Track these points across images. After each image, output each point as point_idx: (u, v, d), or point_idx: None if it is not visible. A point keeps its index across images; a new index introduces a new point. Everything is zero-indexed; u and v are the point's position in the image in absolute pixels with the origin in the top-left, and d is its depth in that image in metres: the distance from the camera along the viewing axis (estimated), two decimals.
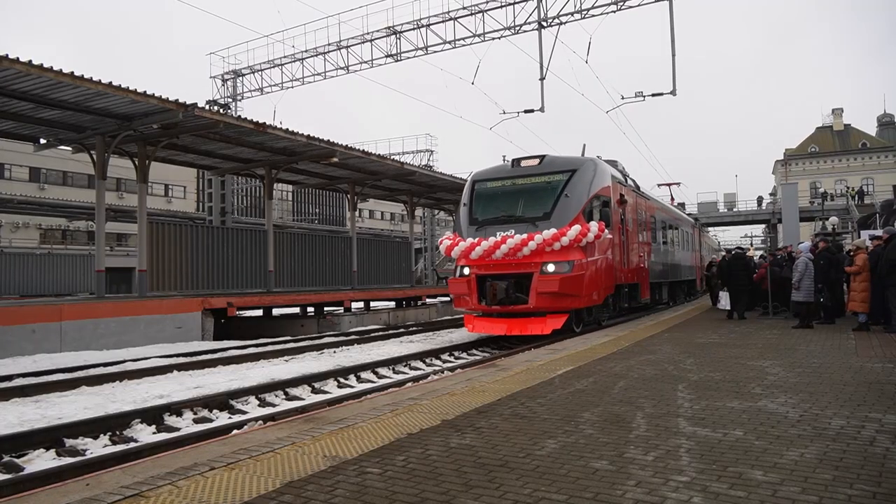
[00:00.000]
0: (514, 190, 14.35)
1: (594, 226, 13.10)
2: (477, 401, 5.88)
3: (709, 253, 40.30)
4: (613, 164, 16.85)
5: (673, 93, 21.18)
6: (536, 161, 14.42)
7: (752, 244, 62.48)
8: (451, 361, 12.57)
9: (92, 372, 11.17)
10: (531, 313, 13.09)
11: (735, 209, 58.03)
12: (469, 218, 14.47)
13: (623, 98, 22.40)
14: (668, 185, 37.26)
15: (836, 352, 8.89)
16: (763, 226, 68.92)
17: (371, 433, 4.73)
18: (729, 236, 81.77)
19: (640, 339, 11.16)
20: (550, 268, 12.75)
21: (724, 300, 16.23)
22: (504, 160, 15.05)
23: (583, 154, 16.34)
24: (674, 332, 12.30)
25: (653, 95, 21.86)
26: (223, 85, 30.28)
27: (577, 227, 12.82)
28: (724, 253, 30.89)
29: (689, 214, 34.49)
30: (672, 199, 34.45)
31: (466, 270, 13.65)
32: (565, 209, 13.33)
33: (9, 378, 10.55)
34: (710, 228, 54.32)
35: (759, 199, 58.27)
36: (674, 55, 20.94)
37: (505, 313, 13.43)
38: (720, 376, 6.95)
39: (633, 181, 18.29)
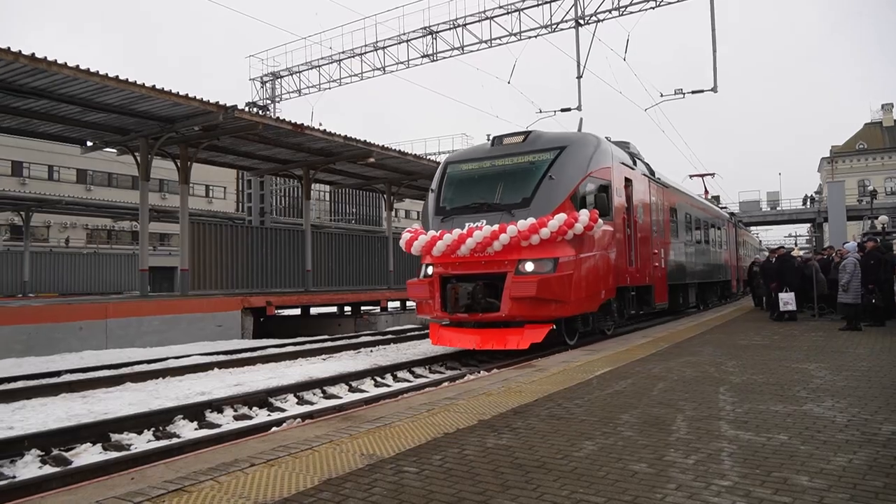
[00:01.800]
0: (492, 172, 11.93)
1: (585, 214, 10.73)
2: (513, 401, 5.85)
3: (750, 252, 38.73)
4: (624, 145, 14.81)
5: (714, 89, 20.79)
6: (520, 138, 12.11)
7: (796, 244, 60.87)
8: (487, 361, 12.53)
9: (136, 369, 11.47)
10: (507, 323, 10.90)
11: (778, 208, 56.74)
12: (436, 207, 12.21)
13: (662, 95, 22.05)
14: (701, 175, 34.28)
15: (886, 354, 8.60)
16: (808, 225, 67.22)
17: (408, 432, 4.75)
18: (772, 236, 79.92)
19: (679, 340, 10.98)
20: (528, 267, 10.52)
21: (792, 302, 14.25)
22: (488, 138, 12.64)
23: (579, 130, 13.87)
24: (714, 334, 12.06)
25: (693, 93, 21.46)
26: (262, 87, 30.77)
27: (561, 216, 10.49)
28: (766, 252, 29.87)
29: (722, 208, 31.30)
30: (706, 191, 32.26)
31: (430, 270, 11.51)
32: (548, 194, 10.99)
33: (57, 374, 10.90)
34: (752, 227, 53.00)
35: (807, 198, 56.77)
36: (715, 51, 20.56)
37: (475, 323, 11.27)
38: (763, 379, 6.79)
39: (647, 165, 15.75)
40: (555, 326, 11.17)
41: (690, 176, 35.07)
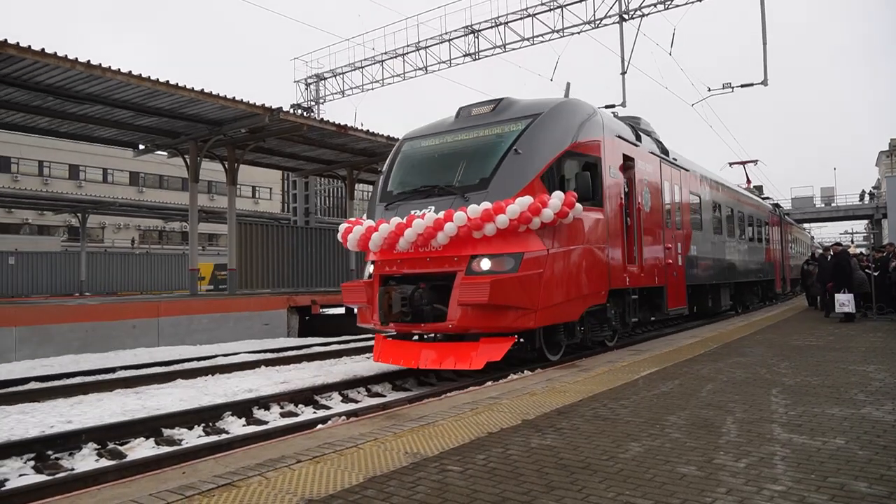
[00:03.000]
0: (450, 149, 9.87)
1: (558, 198, 8.57)
2: (557, 401, 5.80)
3: (804, 249, 37.21)
4: (633, 120, 12.95)
5: (764, 83, 20.22)
6: (490, 107, 10.11)
7: (853, 241, 58.73)
8: (531, 361, 12.43)
9: (186, 366, 11.76)
10: (460, 336, 9.00)
11: (833, 204, 54.89)
12: (382, 192, 10.26)
13: (709, 90, 21.60)
14: (742, 163, 30.75)
15: None
16: (865, 221, 64.88)
17: (451, 431, 4.75)
18: (827, 233, 77.31)
19: (728, 340, 10.72)
20: (483, 265, 8.49)
21: (850, 304, 13.48)
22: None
23: (566, 95, 11.51)
24: (766, 334, 11.73)
25: (742, 86, 20.97)
26: (306, 89, 31.22)
27: (525, 200, 8.37)
28: (820, 250, 28.71)
29: (765, 199, 27.69)
30: (748, 181, 29.60)
31: (372, 269, 9.67)
32: (512, 173, 8.87)
33: (112, 370, 11.28)
34: (805, 224, 51.32)
35: (864, 194, 54.75)
36: (765, 43, 19.99)
37: (426, 335, 9.67)
38: (818, 381, 6.56)
39: (660, 143, 13.37)
40: (521, 339, 9.31)
41: (730, 163, 31.71)
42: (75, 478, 5.25)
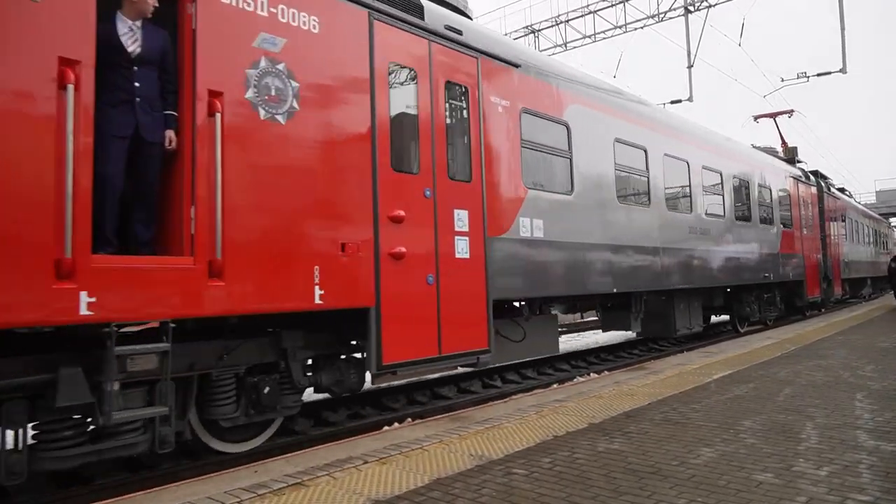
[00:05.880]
0: None
1: None
2: (625, 404, 5.68)
3: (884, 241, 34.44)
4: None
5: (843, 70, 19.26)
6: None
7: None
8: (597, 364, 12.22)
9: None
10: None
11: None
12: None
13: (783, 80, 20.75)
14: (773, 115, 22.52)
15: None
16: None
17: (516, 434, 4.72)
18: None
19: (807, 342, 10.24)
20: None
21: None
22: None
23: None
24: (849, 335, 11.15)
25: (818, 75, 20.07)
26: None
27: None
28: None
29: (790, 161, 18.25)
30: (784, 142, 21.95)
31: None
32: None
33: None
34: (893, 219, 48.28)
35: None
36: (843, 28, 19.04)
37: None
38: None
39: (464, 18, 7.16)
40: None
41: (755, 117, 23.36)
42: (157, 474, 5.48)
